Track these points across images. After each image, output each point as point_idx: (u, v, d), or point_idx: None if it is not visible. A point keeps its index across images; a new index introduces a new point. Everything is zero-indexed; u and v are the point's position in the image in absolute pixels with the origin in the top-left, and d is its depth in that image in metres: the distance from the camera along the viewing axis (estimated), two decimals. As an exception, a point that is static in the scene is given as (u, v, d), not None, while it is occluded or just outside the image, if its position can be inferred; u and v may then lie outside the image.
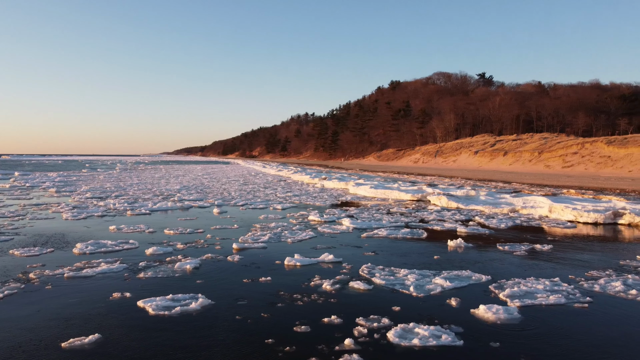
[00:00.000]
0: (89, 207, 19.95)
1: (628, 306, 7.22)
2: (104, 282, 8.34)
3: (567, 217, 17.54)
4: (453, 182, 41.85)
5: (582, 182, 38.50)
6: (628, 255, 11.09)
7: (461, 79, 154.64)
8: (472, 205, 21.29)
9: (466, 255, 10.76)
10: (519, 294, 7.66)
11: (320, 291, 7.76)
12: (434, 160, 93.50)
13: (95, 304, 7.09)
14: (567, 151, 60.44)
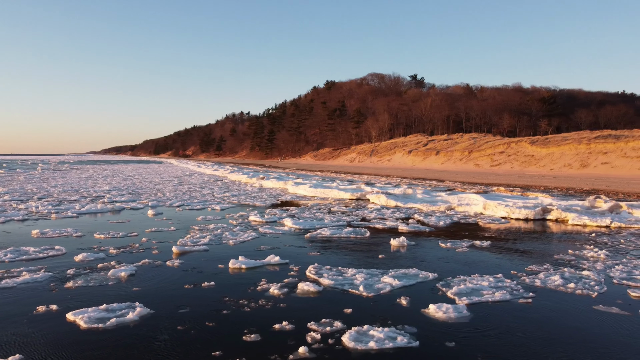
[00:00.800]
0: (7, 210, 18.35)
1: (568, 300, 7.43)
2: (27, 293, 7.54)
3: (501, 214, 18.20)
4: (389, 180, 42.60)
5: (510, 180, 40.42)
6: (560, 249, 11.57)
7: (394, 80, 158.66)
8: (410, 204, 21.63)
9: (411, 253, 10.79)
10: (466, 292, 7.70)
11: (268, 295, 7.42)
12: (369, 159, 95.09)
13: (16, 319, 6.36)
14: (495, 150, 63.40)
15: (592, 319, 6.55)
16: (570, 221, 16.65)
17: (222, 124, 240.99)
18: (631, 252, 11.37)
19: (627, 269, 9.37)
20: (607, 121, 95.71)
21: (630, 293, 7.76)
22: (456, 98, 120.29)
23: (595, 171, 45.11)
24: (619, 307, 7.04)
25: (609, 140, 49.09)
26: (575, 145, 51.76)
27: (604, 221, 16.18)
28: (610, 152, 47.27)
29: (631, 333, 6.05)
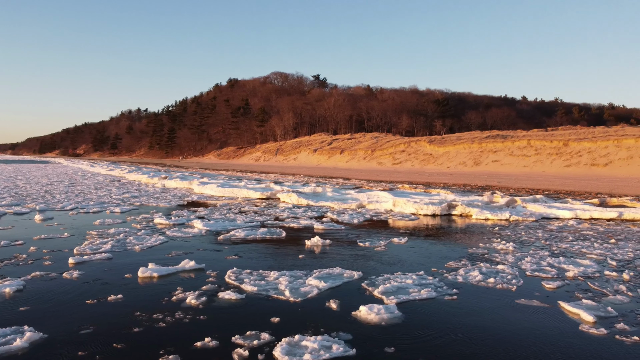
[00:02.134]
0: None
1: (491, 295, 7.52)
2: None
3: (410, 210, 18.62)
4: (297, 179, 42.49)
5: (411, 178, 42.12)
6: (472, 244, 11.93)
7: (298, 79, 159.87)
8: (322, 202, 21.50)
9: (331, 253, 10.49)
10: (393, 290, 7.52)
11: (185, 307, 6.68)
12: (275, 158, 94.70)
13: None
14: (396, 149, 65.94)
15: (518, 313, 6.63)
16: (474, 216, 17.43)
17: (118, 121, 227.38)
18: (534, 244, 12.02)
19: (535, 261, 9.81)
20: (493, 122, 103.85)
21: (545, 285, 8.05)
22: (358, 98, 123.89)
23: (487, 168, 48.52)
24: (539, 299, 7.23)
25: (498, 140, 53.05)
26: (468, 144, 55.29)
27: (504, 215, 17.14)
28: (499, 151, 51.11)
29: (554, 325, 6.18)
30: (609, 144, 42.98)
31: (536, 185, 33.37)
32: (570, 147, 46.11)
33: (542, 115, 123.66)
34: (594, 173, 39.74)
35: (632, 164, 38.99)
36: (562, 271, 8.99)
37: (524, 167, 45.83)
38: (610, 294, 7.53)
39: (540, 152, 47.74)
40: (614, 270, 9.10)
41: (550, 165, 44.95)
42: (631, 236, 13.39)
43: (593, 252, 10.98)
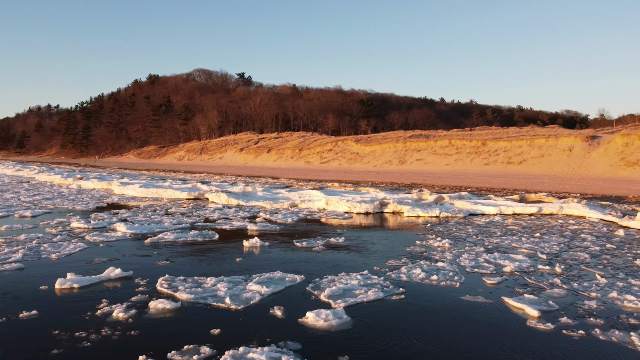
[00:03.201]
0: None
1: (437, 293, 7.44)
2: None
3: (343, 209, 18.52)
4: (224, 179, 41.38)
5: (340, 176, 42.41)
6: (409, 241, 11.94)
7: (222, 77, 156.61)
8: (253, 202, 20.91)
9: (269, 255, 10.04)
10: (339, 293, 7.22)
11: (112, 321, 5.97)
12: (199, 157, 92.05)
13: None
14: (324, 148, 66.29)
15: (465, 311, 6.56)
16: (405, 213, 17.64)
17: (25, 118, 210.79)
18: (467, 240, 12.25)
19: (473, 257, 9.93)
20: (415, 122, 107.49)
21: (486, 281, 8.10)
22: (284, 97, 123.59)
23: (412, 167, 49.96)
24: (483, 295, 7.23)
25: (421, 140, 54.84)
26: (394, 143, 56.68)
27: (434, 212, 17.49)
28: (423, 150, 52.82)
29: (503, 321, 6.16)
30: (523, 143, 45.76)
31: (459, 183, 34.74)
32: (488, 146, 48.58)
33: (460, 116, 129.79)
34: (510, 171, 42.12)
35: (544, 162, 41.73)
36: (499, 267, 9.14)
37: (446, 166, 47.68)
38: (548, 288, 7.70)
39: (461, 151, 49.91)
40: (546, 264, 9.39)
41: (471, 163, 47.10)
42: (552, 230, 14.07)
43: (522, 246, 11.35)
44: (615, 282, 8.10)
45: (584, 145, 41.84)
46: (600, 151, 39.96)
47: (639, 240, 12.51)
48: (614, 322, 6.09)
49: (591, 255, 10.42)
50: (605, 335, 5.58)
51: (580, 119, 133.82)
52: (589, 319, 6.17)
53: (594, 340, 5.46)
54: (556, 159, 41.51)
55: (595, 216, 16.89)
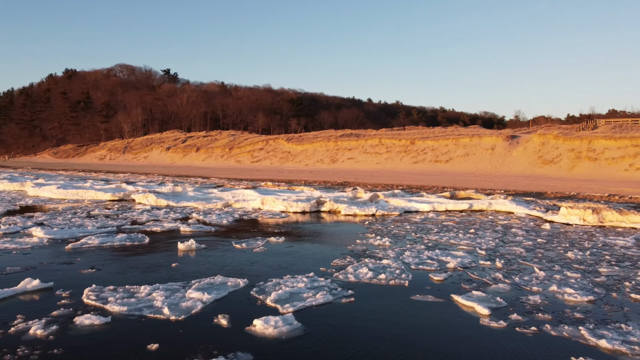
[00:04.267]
0: None
1: (387, 293, 7.25)
2: None
3: (279, 208, 18.11)
4: (151, 178, 39.57)
5: (272, 175, 41.90)
6: (350, 240, 11.76)
7: (146, 73, 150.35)
8: (184, 202, 20.00)
9: (207, 258, 9.45)
10: (286, 297, 6.85)
11: (30, 339, 5.21)
12: (122, 156, 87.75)
13: None
14: (255, 147, 65.35)
15: (417, 310, 6.42)
16: (342, 212, 17.53)
17: None
18: (406, 237, 12.27)
19: (415, 254, 9.90)
20: (344, 122, 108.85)
21: (433, 278, 8.04)
22: (212, 95, 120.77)
23: (344, 165, 50.37)
24: (432, 294, 7.13)
25: (352, 139, 55.46)
26: (325, 142, 56.93)
27: (370, 210, 17.51)
28: (354, 149, 53.44)
29: (455, 320, 6.06)
30: (449, 142, 47.53)
31: (390, 181, 35.39)
32: (416, 145, 50.00)
33: (387, 116, 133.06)
34: (437, 169, 43.56)
35: (468, 161, 43.56)
36: (443, 263, 9.14)
37: (377, 164, 48.52)
38: (492, 283, 7.75)
39: (391, 149, 51.01)
40: (486, 259, 9.53)
41: (400, 162, 48.25)
42: (485, 226, 14.47)
43: (461, 242, 11.51)
44: (553, 275, 8.32)
45: (505, 144, 44.11)
46: (520, 150, 42.31)
47: (564, 234, 13.13)
48: (561, 316, 6.16)
49: (526, 249, 10.73)
50: (557, 331, 5.60)
51: (498, 120, 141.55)
52: (537, 314, 6.21)
53: (546, 337, 5.46)
54: (480, 158, 43.46)
55: (522, 211, 17.64)
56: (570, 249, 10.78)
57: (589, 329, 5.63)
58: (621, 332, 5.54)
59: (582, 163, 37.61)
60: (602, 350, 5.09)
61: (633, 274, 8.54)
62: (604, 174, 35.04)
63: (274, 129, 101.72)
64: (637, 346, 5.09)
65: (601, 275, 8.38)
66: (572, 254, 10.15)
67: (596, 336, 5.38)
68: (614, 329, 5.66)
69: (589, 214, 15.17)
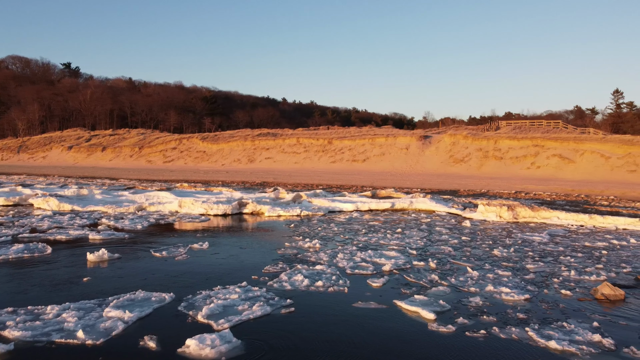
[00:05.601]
0: None
1: (328, 301, 6.87)
2: None
3: (199, 211, 17.17)
4: (51, 180, 36.37)
5: (187, 176, 40.19)
6: (278, 243, 11.27)
7: (43, 66, 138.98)
8: (91, 206, 18.39)
9: (124, 270, 8.50)
10: (219, 311, 6.23)
11: None
12: (17, 156, 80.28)
13: None
14: (167, 147, 62.51)
15: (362, 319, 6.08)
16: (266, 213, 16.98)
17: None
18: (335, 238, 12.01)
19: (349, 257, 9.62)
20: (260, 121, 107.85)
21: (371, 283, 7.77)
22: (119, 92, 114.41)
23: (262, 165, 49.57)
24: (374, 300, 6.85)
25: (269, 138, 54.79)
26: (242, 142, 55.73)
27: (295, 211, 17.13)
28: (271, 148, 52.79)
29: (403, 327, 5.80)
30: (366, 142, 48.42)
31: (310, 181, 35.28)
32: (334, 144, 50.40)
33: (302, 116, 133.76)
34: (355, 168, 44.17)
35: (385, 160, 44.62)
36: (378, 266, 8.94)
37: (295, 164, 48.27)
38: (431, 286, 7.64)
39: (309, 149, 51.01)
40: (419, 260, 9.47)
41: (319, 161, 48.37)
42: (410, 225, 14.62)
43: (390, 242, 11.44)
44: (486, 274, 8.39)
45: (418, 144, 45.73)
46: (433, 149, 44.07)
47: (485, 231, 13.57)
48: (505, 317, 6.12)
49: (453, 248, 10.87)
50: (505, 334, 5.51)
51: (407, 121, 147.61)
52: (482, 316, 6.12)
53: (497, 340, 5.35)
54: (396, 157, 44.69)
55: (442, 210, 18.13)
56: (495, 247, 11.08)
57: (535, 329, 5.61)
58: (565, 331, 5.56)
59: (489, 162, 39.92)
60: (552, 351, 5.05)
61: (557, 270, 8.86)
62: (509, 172, 37.42)
63: (187, 128, 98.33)
64: (584, 346, 5.10)
65: (530, 272, 8.59)
66: (497, 252, 10.41)
67: (544, 337, 5.35)
68: (558, 327, 5.68)
69: (504, 211, 15.87)
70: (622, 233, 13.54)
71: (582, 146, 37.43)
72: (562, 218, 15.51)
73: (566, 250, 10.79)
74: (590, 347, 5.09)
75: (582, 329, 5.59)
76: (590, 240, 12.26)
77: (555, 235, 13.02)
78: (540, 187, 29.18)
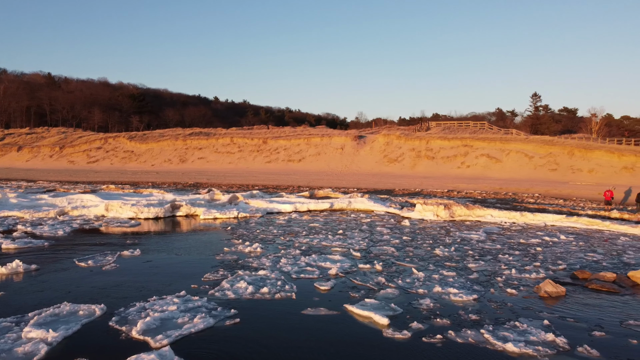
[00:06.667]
0: None
1: (275, 309, 6.49)
2: None
3: (128, 215, 16.15)
4: (-41, 183, 33.18)
5: (114, 177, 38.12)
6: (217, 248, 10.72)
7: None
8: (5, 211, 16.83)
9: (44, 283, 7.65)
10: (157, 325, 5.68)
11: None
12: None
13: None
14: (91, 146, 59.09)
15: (314, 327, 5.76)
16: (201, 216, 16.27)
17: None
18: (276, 241, 11.61)
19: (292, 262, 9.27)
20: (192, 120, 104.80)
21: (318, 287, 7.48)
22: (37, 88, 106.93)
23: (194, 165, 47.99)
24: (324, 306, 6.55)
25: (202, 137, 53.22)
26: (173, 141, 53.73)
27: (232, 213, 16.53)
28: (204, 148, 51.27)
29: (359, 335, 5.54)
30: (301, 142, 48.19)
31: (245, 181, 34.52)
32: (269, 144, 49.76)
33: (235, 115, 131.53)
34: (291, 168, 43.81)
35: (320, 160, 44.61)
36: (323, 270, 8.65)
37: (230, 164, 47.15)
38: (379, 289, 7.45)
39: (243, 149, 50.03)
40: (364, 262, 9.28)
41: (253, 161, 47.55)
42: (351, 225, 14.49)
43: (333, 244, 11.21)
44: (431, 274, 8.34)
45: (353, 144, 46.13)
46: (367, 149, 44.60)
47: (424, 230, 13.69)
48: (458, 320, 6.02)
49: (396, 248, 10.81)
50: (461, 337, 5.39)
51: (340, 121, 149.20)
52: (435, 320, 5.98)
53: (454, 345, 5.21)
54: (331, 157, 44.81)
55: (380, 209, 18.20)
56: (436, 246, 11.14)
57: (490, 330, 5.53)
58: (519, 331, 5.53)
59: (422, 161, 40.98)
60: (510, 354, 4.97)
61: (498, 268, 8.99)
62: (441, 171, 38.58)
63: (112, 127, 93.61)
64: (540, 346, 5.07)
65: (473, 272, 8.64)
66: (439, 251, 10.45)
67: (500, 339, 5.27)
68: (511, 328, 5.64)
69: (441, 209, 16.14)
70: (552, 229, 14.15)
71: (507, 146, 39.31)
72: (496, 216, 16.01)
73: (504, 248, 11.04)
74: (546, 347, 5.07)
75: (535, 328, 5.58)
76: (524, 237, 12.68)
77: (491, 232, 13.37)
78: (471, 186, 30.25)
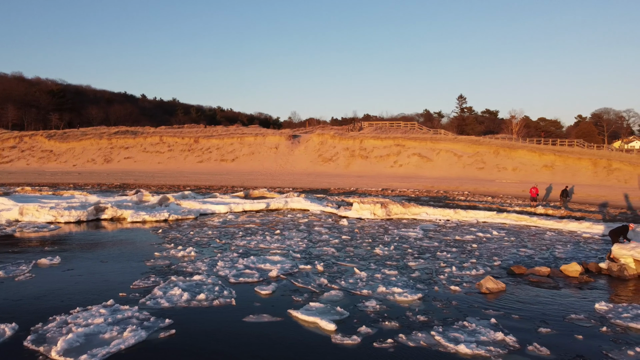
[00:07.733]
0: None
1: (213, 317, 6.06)
2: None
3: (47, 219, 14.90)
4: None
5: (30, 179, 35.44)
6: (145, 253, 10.07)
7: None
8: None
9: (-55, 298, 6.73)
10: (81, 343, 5.10)
11: None
12: None
13: None
14: (4, 145, 54.65)
15: (259, 337, 5.40)
16: (128, 219, 15.30)
17: None
18: (211, 244, 11.09)
19: (230, 265, 8.83)
20: (117, 118, 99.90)
21: (259, 292, 7.11)
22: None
23: (120, 166, 45.65)
24: (266, 312, 6.19)
25: (129, 136, 50.79)
26: (97, 140, 50.87)
27: (162, 215, 15.69)
28: (131, 147, 48.92)
29: (307, 343, 5.25)
30: (234, 141, 47.15)
31: (176, 182, 33.18)
32: (200, 144, 48.29)
33: (165, 114, 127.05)
34: (224, 168, 42.74)
35: (254, 159, 43.87)
36: (263, 272, 8.27)
37: (159, 164, 45.30)
38: (320, 291, 7.22)
39: (173, 148, 48.24)
40: (305, 263, 9.00)
41: (184, 161, 45.95)
42: (288, 225, 14.17)
43: (271, 245, 10.84)
44: (373, 274, 8.21)
45: (287, 143, 45.77)
46: (302, 149, 44.42)
47: (363, 229, 13.62)
48: (407, 322, 5.88)
49: (336, 248, 10.61)
50: (413, 340, 5.23)
51: (273, 121, 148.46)
52: (384, 323, 5.80)
53: (406, 349, 5.04)
54: (265, 156, 44.20)
55: (317, 209, 18.00)
56: (375, 244, 11.07)
57: (440, 332, 5.42)
58: (469, 331, 5.45)
59: (356, 161, 41.36)
60: (463, 356, 4.87)
61: (438, 266, 9.01)
62: (375, 170, 39.12)
63: (29, 125, 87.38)
64: (491, 346, 5.00)
65: (414, 270, 8.59)
66: (379, 250, 10.37)
67: (451, 340, 5.16)
68: (460, 328, 5.56)
69: (378, 208, 16.19)
70: (484, 226, 14.56)
71: (438, 146, 40.56)
72: (431, 213, 16.28)
73: (441, 246, 11.15)
74: (497, 347, 5.01)
75: (484, 328, 5.53)
76: (459, 233, 12.92)
77: (427, 230, 13.53)
78: (404, 185, 30.85)
